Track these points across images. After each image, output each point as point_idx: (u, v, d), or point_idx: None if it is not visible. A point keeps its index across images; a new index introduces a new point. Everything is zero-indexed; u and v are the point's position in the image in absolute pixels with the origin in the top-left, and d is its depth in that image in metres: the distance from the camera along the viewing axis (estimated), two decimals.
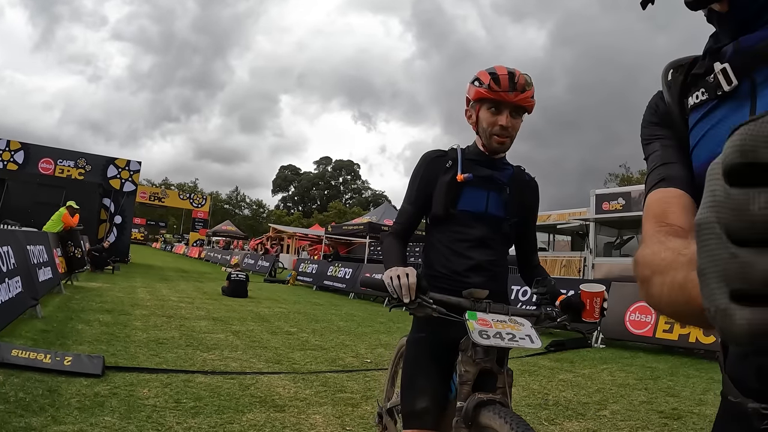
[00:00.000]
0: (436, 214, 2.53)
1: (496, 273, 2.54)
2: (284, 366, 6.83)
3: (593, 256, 18.16)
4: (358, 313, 14.00)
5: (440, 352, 2.41)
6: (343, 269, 20.94)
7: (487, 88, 2.40)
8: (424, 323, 2.49)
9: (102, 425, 4.01)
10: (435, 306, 2.14)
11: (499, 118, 2.41)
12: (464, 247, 2.48)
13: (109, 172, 27.71)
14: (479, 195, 2.51)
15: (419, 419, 2.34)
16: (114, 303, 11.32)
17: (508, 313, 2.23)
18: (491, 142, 2.47)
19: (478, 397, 2.05)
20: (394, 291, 2.09)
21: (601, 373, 7.83)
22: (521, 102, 2.39)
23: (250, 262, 32.20)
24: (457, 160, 2.53)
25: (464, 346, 2.21)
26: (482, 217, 2.50)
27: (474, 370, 2.14)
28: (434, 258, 2.56)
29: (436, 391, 2.37)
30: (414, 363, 2.49)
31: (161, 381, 5.44)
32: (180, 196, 65.84)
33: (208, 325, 9.68)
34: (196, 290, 17.12)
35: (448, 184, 2.48)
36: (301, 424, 4.59)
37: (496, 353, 2.17)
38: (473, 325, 2.06)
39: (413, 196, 2.59)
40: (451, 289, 2.35)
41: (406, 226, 2.61)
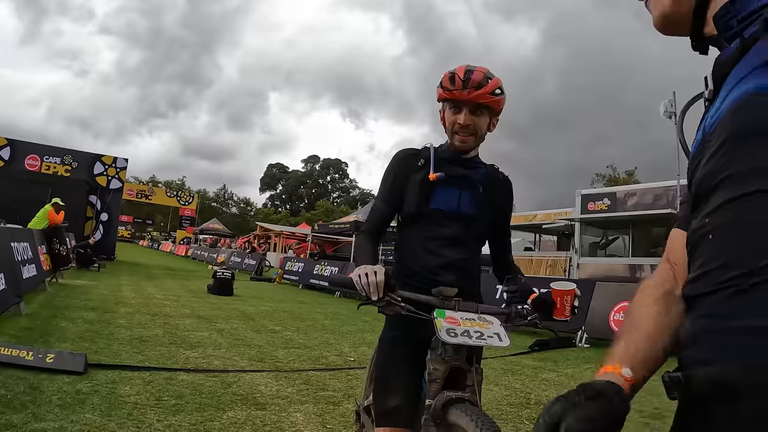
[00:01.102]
0: (408, 213, 2.54)
1: (468, 271, 2.56)
2: (267, 364, 6.83)
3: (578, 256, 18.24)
4: (343, 312, 14.05)
5: (412, 351, 2.41)
6: (330, 268, 20.94)
7: (443, 88, 2.44)
8: (396, 322, 2.50)
9: (82, 422, 4.02)
10: (403, 304, 2.15)
11: (458, 117, 2.45)
12: (436, 246, 2.50)
13: (95, 168, 27.63)
14: (451, 193, 2.53)
15: (391, 417, 2.35)
16: (99, 301, 11.28)
17: (477, 311, 2.25)
18: (454, 141, 2.50)
19: (446, 395, 2.07)
20: (363, 289, 2.10)
21: (584, 373, 7.88)
22: (476, 99, 2.40)
23: (237, 260, 32.09)
24: (430, 158, 2.54)
25: (434, 344, 2.22)
26: (454, 215, 2.52)
27: (443, 368, 2.16)
28: (407, 256, 2.58)
29: (408, 389, 2.38)
30: (386, 361, 2.51)
31: (143, 379, 5.45)
32: (167, 193, 65.72)
33: (192, 323, 9.67)
34: (181, 288, 17.08)
35: (420, 182, 2.50)
36: (281, 422, 4.60)
37: (465, 351, 2.19)
38: (441, 323, 2.08)
39: (386, 195, 2.60)
40: (424, 287, 2.36)
41: (379, 225, 2.61)
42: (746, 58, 0.99)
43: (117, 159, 28.42)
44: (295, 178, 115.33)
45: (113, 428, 4.00)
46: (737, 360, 0.84)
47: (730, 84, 1.00)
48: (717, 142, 0.98)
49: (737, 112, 0.94)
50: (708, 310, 0.95)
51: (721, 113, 1.00)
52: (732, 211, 0.92)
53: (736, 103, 0.95)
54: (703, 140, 1.06)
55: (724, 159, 0.95)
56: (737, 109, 0.95)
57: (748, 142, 0.91)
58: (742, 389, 0.83)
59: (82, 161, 27.57)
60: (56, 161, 26.84)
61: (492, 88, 2.41)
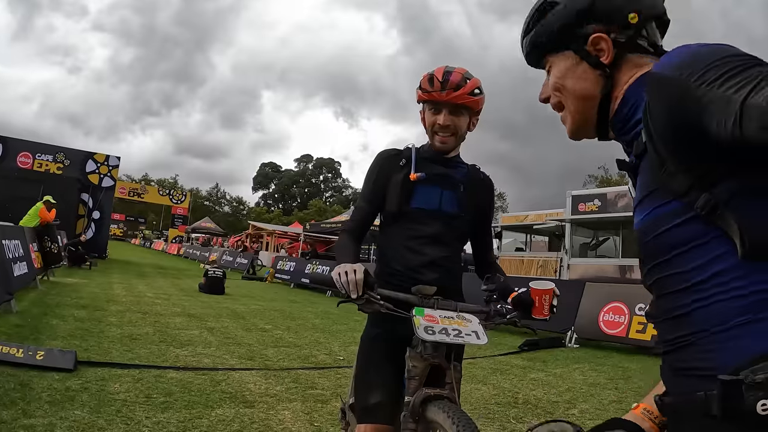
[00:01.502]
0: (389, 212, 2.59)
1: (449, 269, 2.60)
2: (257, 363, 6.87)
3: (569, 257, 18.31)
4: (333, 311, 14.03)
5: (393, 348, 2.45)
6: (321, 267, 20.93)
7: (422, 90, 2.50)
8: (377, 320, 2.54)
9: (71, 419, 4.05)
10: (382, 302, 2.20)
11: (437, 118, 2.50)
12: (418, 244, 2.54)
13: (88, 166, 27.59)
14: (433, 192, 2.57)
15: (372, 414, 2.39)
16: (90, 299, 11.29)
17: (456, 309, 2.29)
18: (435, 141, 2.56)
19: (425, 392, 2.11)
20: (342, 287, 2.14)
21: (572, 373, 7.92)
22: (455, 100, 2.45)
23: (229, 259, 32.05)
24: (411, 158, 2.59)
25: (414, 341, 2.27)
26: (436, 214, 2.56)
27: (422, 365, 2.20)
28: (388, 255, 2.62)
29: (389, 386, 2.42)
30: (367, 359, 2.55)
31: (132, 376, 5.48)
32: (160, 192, 65.46)
33: (182, 322, 9.70)
34: (173, 287, 17.08)
35: (401, 182, 2.54)
36: (269, 419, 4.64)
37: (445, 349, 2.23)
38: (419, 321, 2.12)
39: (368, 194, 2.64)
40: (405, 285, 2.40)
41: (361, 224, 2.66)
42: (638, 185, 1.24)
43: (109, 157, 28.38)
44: (288, 177, 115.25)
45: (102, 425, 4.03)
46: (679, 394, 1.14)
47: (635, 203, 1.25)
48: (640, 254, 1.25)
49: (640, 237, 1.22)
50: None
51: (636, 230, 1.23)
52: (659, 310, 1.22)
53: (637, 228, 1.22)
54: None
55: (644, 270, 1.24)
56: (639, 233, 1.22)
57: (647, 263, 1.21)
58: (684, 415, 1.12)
59: (75, 159, 27.51)
60: (48, 159, 26.77)
61: (470, 88, 2.46)
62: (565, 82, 1.38)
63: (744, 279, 1.02)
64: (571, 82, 1.37)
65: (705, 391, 1.02)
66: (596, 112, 1.36)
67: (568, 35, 1.36)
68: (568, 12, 1.35)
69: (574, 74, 1.36)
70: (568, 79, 1.38)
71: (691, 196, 1.06)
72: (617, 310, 10.48)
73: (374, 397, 2.39)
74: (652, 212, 1.15)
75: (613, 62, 1.31)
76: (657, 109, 1.09)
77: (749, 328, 1.01)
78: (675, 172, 1.09)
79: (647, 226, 1.17)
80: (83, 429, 3.90)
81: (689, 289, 1.09)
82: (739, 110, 0.90)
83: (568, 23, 1.35)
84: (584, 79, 1.35)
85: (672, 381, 1.17)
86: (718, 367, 1.01)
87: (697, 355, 1.07)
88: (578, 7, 1.33)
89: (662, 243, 1.13)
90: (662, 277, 1.15)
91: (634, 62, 1.32)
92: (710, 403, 1.01)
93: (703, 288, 1.07)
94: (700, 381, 1.05)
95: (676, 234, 1.10)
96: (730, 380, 0.98)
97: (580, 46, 1.34)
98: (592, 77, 1.34)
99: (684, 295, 1.10)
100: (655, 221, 1.14)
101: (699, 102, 0.99)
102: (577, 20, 1.34)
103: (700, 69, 1.00)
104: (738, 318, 1.02)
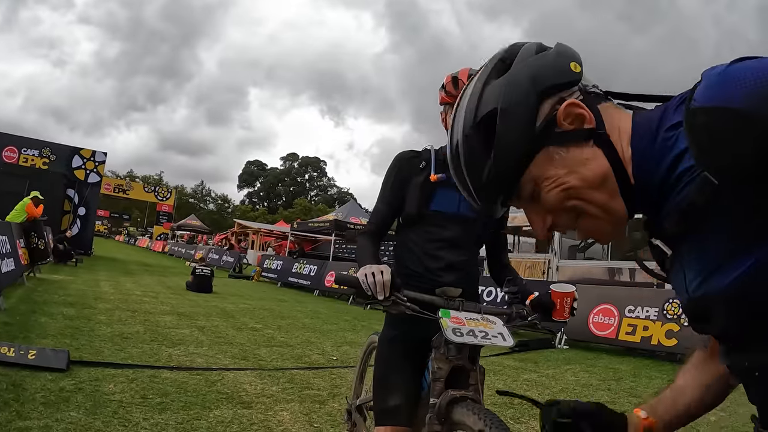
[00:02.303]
0: (409, 214, 2.56)
1: (468, 273, 2.58)
2: (250, 362, 6.81)
3: (558, 259, 18.35)
4: (323, 311, 14.05)
5: (412, 350, 2.43)
6: (308, 266, 20.90)
7: (446, 92, 2.46)
8: (396, 321, 2.52)
9: (68, 421, 3.97)
10: (409, 304, 2.16)
11: None
12: (436, 248, 2.52)
13: (74, 162, 27.32)
14: (452, 196, 2.53)
15: (392, 416, 2.36)
16: (77, 296, 11.16)
17: (480, 311, 2.26)
18: None
19: (451, 394, 2.08)
20: (369, 288, 2.10)
21: (564, 374, 7.93)
22: None
23: (215, 257, 31.92)
24: (431, 160, 2.56)
25: (437, 343, 2.24)
26: (454, 217, 2.53)
27: (447, 367, 2.17)
28: (406, 257, 2.60)
29: (409, 388, 2.40)
30: (386, 361, 2.52)
31: (127, 376, 5.40)
32: (145, 188, 65.02)
33: (172, 320, 9.61)
34: (160, 284, 16.96)
35: (421, 184, 2.52)
36: (268, 420, 4.59)
37: (468, 351, 2.21)
38: (447, 323, 2.09)
39: (387, 196, 2.61)
40: (424, 287, 2.37)
41: (380, 226, 2.62)
42: (697, 256, 0.99)
43: (96, 152, 28.13)
44: (274, 175, 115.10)
45: (99, 427, 3.95)
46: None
47: (700, 277, 0.99)
48: (733, 319, 0.97)
49: (734, 302, 0.94)
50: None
51: (709, 294, 0.97)
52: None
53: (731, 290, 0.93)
54: (697, 305, 1.02)
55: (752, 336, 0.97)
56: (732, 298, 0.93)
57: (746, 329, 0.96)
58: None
59: (61, 154, 27.22)
60: (34, 153, 26.46)
61: None
62: (570, 178, 1.02)
63: None
64: (580, 172, 1.03)
65: None
66: (619, 188, 1.03)
67: (536, 136, 1.03)
68: (516, 113, 1.03)
69: (575, 165, 1.03)
70: (572, 174, 1.03)
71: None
72: (607, 312, 10.51)
73: (394, 399, 2.36)
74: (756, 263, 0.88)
75: (598, 122, 1.04)
76: (741, 148, 0.84)
77: None
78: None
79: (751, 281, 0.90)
80: (80, 431, 3.83)
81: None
82: None
83: (525, 122, 1.03)
84: (589, 161, 1.03)
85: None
86: None
87: None
88: (522, 97, 1.04)
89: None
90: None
91: (608, 110, 1.07)
92: None
93: None
94: None
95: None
96: None
97: (554, 134, 1.03)
98: (594, 153, 1.03)
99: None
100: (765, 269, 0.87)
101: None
102: (533, 111, 1.03)
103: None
104: None
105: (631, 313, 10.15)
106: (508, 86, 1.05)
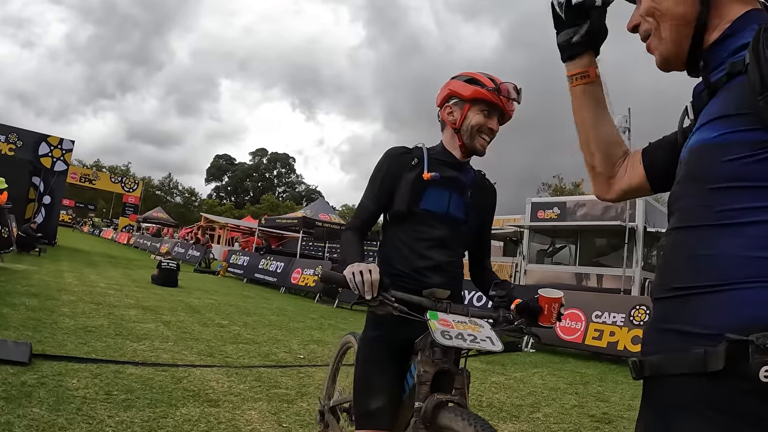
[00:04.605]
0: (397, 212, 2.49)
1: (454, 274, 2.53)
2: (217, 359, 6.70)
3: (526, 263, 18.46)
4: (289, 308, 13.97)
5: (395, 352, 2.37)
6: (275, 263, 20.76)
7: (480, 86, 2.39)
8: (378, 321, 2.45)
9: (30, 417, 3.82)
10: (396, 305, 2.10)
11: (489, 121, 2.44)
12: (424, 247, 2.46)
13: (41, 149, 26.79)
14: (442, 195, 2.49)
15: (374, 419, 2.29)
16: (41, 287, 10.94)
17: (467, 314, 2.21)
18: (475, 142, 2.47)
19: (437, 397, 2.03)
20: (356, 287, 2.04)
21: (532, 377, 7.95)
22: (511, 111, 2.46)
23: (181, 251, 31.59)
24: (423, 158, 2.50)
25: (421, 345, 2.18)
26: (444, 217, 2.48)
27: (432, 370, 2.11)
28: (392, 256, 2.53)
29: (392, 390, 2.33)
30: (369, 362, 2.44)
31: (91, 371, 5.25)
32: (112, 179, 64.08)
33: (137, 314, 9.44)
34: (124, 277, 16.72)
35: (413, 181, 2.45)
36: (236, 419, 4.49)
37: (453, 354, 2.16)
38: (435, 326, 2.03)
39: (375, 192, 2.53)
40: (410, 287, 2.31)
41: (366, 222, 2.54)
42: (709, 106, 1.19)
43: (63, 140, 27.61)
44: (242, 170, 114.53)
45: (63, 424, 3.81)
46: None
47: (698, 124, 1.21)
48: (679, 173, 1.23)
49: (690, 157, 1.18)
50: (653, 314, 1.20)
51: (686, 150, 1.22)
52: (669, 238, 1.20)
53: (692, 147, 1.19)
54: (680, 163, 1.26)
55: (678, 192, 1.21)
56: (690, 153, 1.18)
57: (686, 184, 1.18)
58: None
59: (28, 141, 26.63)
60: (0, 139, 25.89)
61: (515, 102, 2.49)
62: (661, 5, 1.32)
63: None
64: (668, 4, 1.31)
65: (705, 348, 1.00)
66: (690, 41, 1.30)
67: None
68: None
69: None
70: (665, 2, 1.31)
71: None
72: (574, 317, 10.57)
73: (376, 402, 2.30)
74: (725, 135, 1.09)
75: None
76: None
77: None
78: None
79: (711, 147, 1.11)
80: (43, 428, 3.68)
81: (729, 228, 1.04)
82: None
83: None
84: (683, 2, 1.29)
85: (659, 338, 1.14)
86: (727, 327, 0.98)
87: (709, 311, 1.03)
88: None
89: (721, 169, 1.07)
90: (695, 206, 1.11)
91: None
92: (708, 360, 0.98)
93: (743, 233, 1.02)
94: (700, 340, 1.02)
95: (744, 166, 1.04)
96: (738, 340, 0.95)
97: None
98: (693, 2, 1.28)
99: (718, 234, 1.05)
100: (725, 145, 1.08)
101: None
102: None
103: None
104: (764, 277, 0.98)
105: (598, 319, 10.25)
106: None
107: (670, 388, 1.08)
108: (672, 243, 1.17)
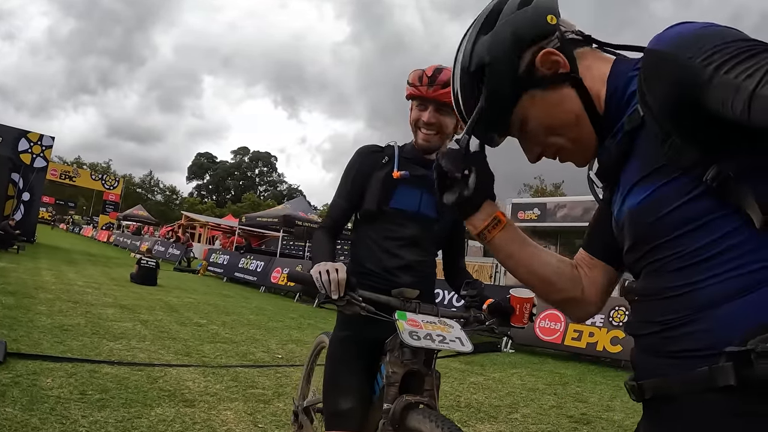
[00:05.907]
0: (368, 210, 2.48)
1: (425, 274, 2.52)
2: (194, 359, 6.66)
3: None
4: (268, 307, 13.93)
5: (364, 352, 2.35)
6: (255, 262, 20.68)
7: (410, 85, 2.42)
8: (348, 321, 2.43)
9: (3, 416, 3.79)
10: (364, 304, 2.09)
11: (422, 114, 2.42)
12: (395, 246, 2.45)
13: (20, 145, 26.40)
14: (412, 194, 2.48)
15: (343, 420, 2.28)
16: (17, 284, 10.85)
17: (437, 314, 2.20)
18: (418, 138, 2.48)
19: (406, 399, 2.02)
20: (323, 286, 2.03)
21: (511, 378, 7.96)
22: (441, 98, 2.36)
23: (161, 249, 31.37)
24: (394, 156, 2.49)
25: (391, 346, 2.17)
26: (414, 216, 2.47)
27: (401, 371, 2.10)
28: (363, 255, 2.51)
29: (362, 390, 2.32)
30: (338, 362, 2.43)
31: (66, 370, 5.20)
32: (92, 176, 63.41)
33: (115, 313, 9.37)
34: (103, 275, 16.59)
35: (383, 179, 2.45)
36: (212, 420, 4.47)
37: (423, 355, 2.14)
38: (403, 326, 2.02)
39: (346, 191, 2.52)
40: (380, 287, 2.30)
41: (338, 222, 2.53)
42: (627, 171, 1.19)
43: (43, 137, 27.27)
44: (223, 169, 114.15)
45: (36, 424, 3.77)
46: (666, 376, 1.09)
47: (623, 191, 1.20)
48: (627, 242, 1.21)
49: (630, 223, 1.17)
50: (639, 346, 1.19)
51: (623, 217, 1.20)
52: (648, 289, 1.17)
53: (629, 212, 1.17)
54: (618, 224, 1.25)
55: (635, 256, 1.19)
56: (631, 218, 1.17)
57: (640, 247, 1.16)
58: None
59: (7, 136, 26.16)
60: None
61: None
62: (552, 120, 1.28)
63: (755, 253, 1.00)
64: (557, 116, 1.27)
65: (709, 366, 0.99)
66: (590, 122, 1.27)
67: (519, 82, 1.26)
68: (501, 65, 1.27)
69: (553, 106, 1.27)
70: (553, 117, 1.28)
71: (699, 170, 1.02)
72: (553, 318, 10.61)
73: (346, 403, 2.28)
74: (656, 191, 1.10)
75: (572, 66, 1.25)
76: (656, 84, 1.05)
77: (751, 298, 0.99)
78: (682, 144, 1.04)
79: (648, 206, 1.12)
80: (16, 428, 3.64)
81: (697, 266, 1.05)
82: (749, 99, 0.87)
83: (509, 71, 1.26)
84: (564, 101, 1.26)
85: (654, 363, 1.13)
86: (718, 343, 0.99)
87: (696, 335, 1.04)
88: (505, 51, 1.26)
89: (666, 223, 1.08)
90: (661, 258, 1.11)
91: (586, 55, 1.28)
92: (716, 376, 0.98)
93: (714, 264, 1.03)
94: (697, 360, 1.02)
95: (685, 211, 1.06)
96: (739, 351, 0.96)
97: (535, 79, 1.26)
98: (568, 94, 1.25)
99: (688, 273, 1.06)
100: (659, 201, 1.09)
101: (706, 85, 0.94)
102: (514, 62, 1.26)
103: (707, 50, 0.95)
104: (744, 292, 0.99)
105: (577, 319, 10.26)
106: (493, 43, 1.27)
107: (678, 407, 1.08)
108: (649, 288, 1.16)
